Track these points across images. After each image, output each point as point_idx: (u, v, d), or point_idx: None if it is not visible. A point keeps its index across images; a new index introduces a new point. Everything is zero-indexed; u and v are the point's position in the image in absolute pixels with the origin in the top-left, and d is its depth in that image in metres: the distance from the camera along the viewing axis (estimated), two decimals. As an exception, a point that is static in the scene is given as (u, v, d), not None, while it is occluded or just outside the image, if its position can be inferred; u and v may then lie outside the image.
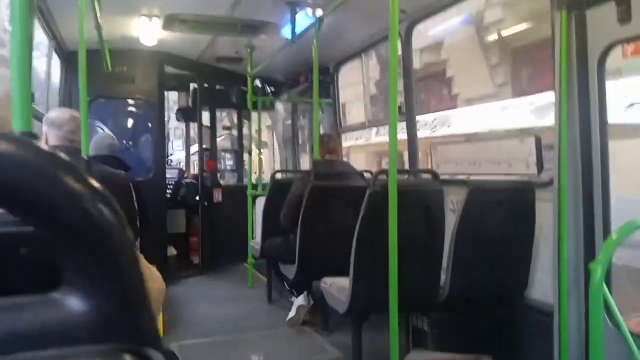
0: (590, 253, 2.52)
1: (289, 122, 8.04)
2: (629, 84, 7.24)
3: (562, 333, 2.55)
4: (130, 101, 6.39)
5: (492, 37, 13.39)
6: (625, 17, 2.33)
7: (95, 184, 0.38)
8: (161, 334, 3.95)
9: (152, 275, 1.36)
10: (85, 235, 0.37)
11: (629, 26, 2.33)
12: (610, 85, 2.57)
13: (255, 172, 6.40)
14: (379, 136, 13.87)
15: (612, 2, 2.40)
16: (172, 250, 6.18)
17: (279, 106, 7.51)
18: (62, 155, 0.39)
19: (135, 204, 3.58)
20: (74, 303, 0.38)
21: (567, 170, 2.56)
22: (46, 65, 4.77)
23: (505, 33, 12.92)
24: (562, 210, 2.54)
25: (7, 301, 0.39)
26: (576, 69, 2.56)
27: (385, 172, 2.64)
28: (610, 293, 2.35)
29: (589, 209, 2.57)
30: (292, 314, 4.20)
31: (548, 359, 2.62)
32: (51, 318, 0.38)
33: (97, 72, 4.78)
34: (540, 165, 2.97)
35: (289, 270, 4.07)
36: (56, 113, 2.91)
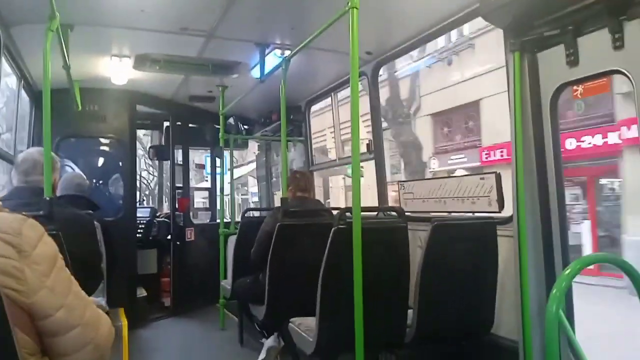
0: (551, 287, 2.55)
1: (263, 159, 8.08)
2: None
3: (527, 368, 2.56)
4: (102, 140, 6.34)
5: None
6: (573, 60, 2.45)
7: None
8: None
9: (99, 320, 1.35)
10: None
11: (577, 69, 2.44)
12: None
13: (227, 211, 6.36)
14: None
15: (561, 45, 2.52)
16: (142, 292, 6.03)
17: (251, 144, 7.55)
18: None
19: (102, 245, 3.52)
20: None
21: (526, 207, 2.62)
22: (15, 104, 4.74)
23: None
24: (523, 247, 2.59)
25: None
26: (530, 109, 2.66)
27: (350, 209, 2.66)
28: (572, 326, 2.39)
29: (548, 245, 2.63)
30: (262, 356, 4.12)
31: (516, 396, 2.62)
32: None
33: (67, 111, 4.78)
34: (501, 202, 3.04)
35: (259, 311, 4.01)
36: (21, 154, 2.90)
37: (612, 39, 2.24)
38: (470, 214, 3.30)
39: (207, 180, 9.17)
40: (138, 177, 16.91)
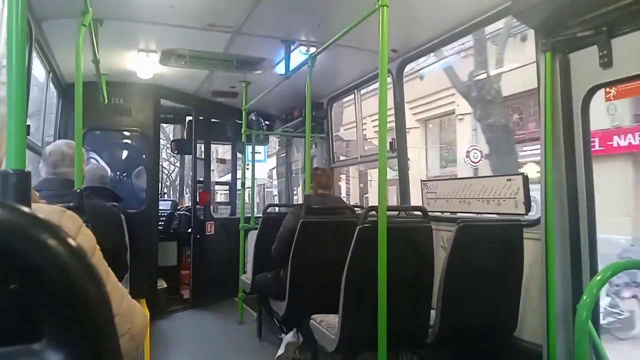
0: (578, 293, 2.52)
1: (283, 155, 8.11)
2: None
3: (551, 374, 2.53)
4: (126, 133, 6.43)
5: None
6: (607, 62, 2.40)
7: (70, 240, 0.41)
8: (147, 371, 3.88)
9: (135, 311, 1.36)
10: (62, 293, 0.40)
11: (611, 71, 2.40)
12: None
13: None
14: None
15: (594, 46, 2.48)
16: (162, 283, 6.11)
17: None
18: (42, 215, 0.41)
19: (126, 237, 3.57)
20: (52, 355, 0.40)
21: (554, 210, 2.59)
22: (44, 97, 4.83)
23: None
24: (550, 250, 2.56)
25: None
26: (561, 111, 2.62)
27: (375, 208, 2.65)
28: (598, 333, 2.36)
29: (576, 249, 2.59)
30: (281, 351, 4.14)
31: (538, 400, 2.60)
32: None
33: (93, 104, 4.84)
34: (528, 205, 3.00)
35: (279, 306, 4.03)
36: (48, 147, 2.95)
37: None
38: (496, 216, 3.27)
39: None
40: (161, 167, 17.16)
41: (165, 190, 18.55)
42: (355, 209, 4.30)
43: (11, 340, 0.42)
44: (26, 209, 0.41)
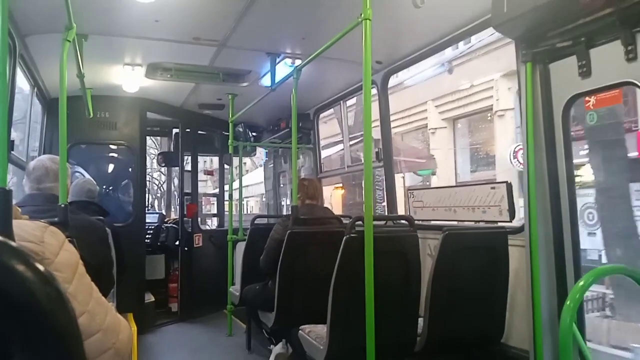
0: (563, 298, 2.55)
1: (271, 166, 8.12)
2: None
3: (538, 379, 2.55)
4: (112, 146, 6.40)
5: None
6: (586, 71, 2.46)
7: (39, 266, 0.42)
8: (135, 386, 3.84)
9: (119, 326, 1.36)
10: (31, 318, 0.40)
11: (590, 80, 2.45)
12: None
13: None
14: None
15: (573, 57, 2.53)
16: (150, 297, 6.06)
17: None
18: (21, 234, 0.43)
19: (113, 251, 3.54)
20: None
21: (538, 217, 2.63)
22: (28, 112, 4.80)
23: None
24: (534, 257, 2.60)
25: None
26: (542, 119, 2.67)
27: (362, 218, 2.67)
28: (584, 337, 2.39)
29: (560, 255, 2.63)
30: (270, 362, 4.13)
31: (526, 406, 2.61)
32: None
33: (79, 118, 4.83)
34: (512, 212, 3.04)
35: (268, 318, 4.02)
36: (32, 162, 2.93)
37: (625, 51, 2.25)
38: (481, 223, 3.30)
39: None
40: (149, 179, 16.98)
41: (157, 202, 18.36)
42: (343, 218, 4.32)
43: None
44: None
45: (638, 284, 2.01)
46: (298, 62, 4.22)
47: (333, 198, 17.73)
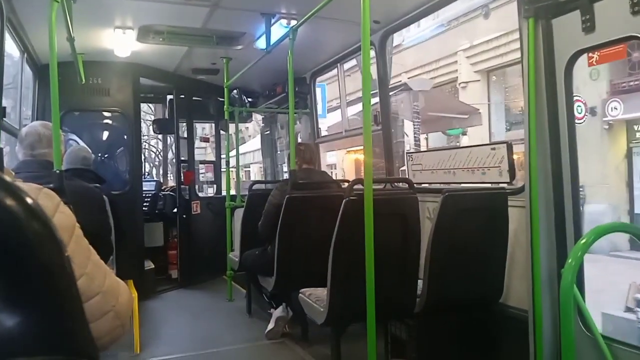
0: (562, 258, 2.55)
1: (268, 132, 8.04)
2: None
3: (537, 337, 2.57)
4: (105, 113, 6.31)
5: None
6: (589, 26, 2.39)
7: (30, 201, 0.38)
8: (138, 350, 3.89)
9: (119, 289, 1.35)
10: (15, 250, 0.37)
11: (593, 35, 2.39)
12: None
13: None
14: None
15: (577, 12, 2.46)
16: (149, 264, 6.09)
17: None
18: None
19: (111, 218, 3.53)
20: (6, 317, 0.38)
21: (538, 177, 2.60)
22: (19, 78, 4.70)
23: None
24: (535, 217, 2.58)
25: None
26: (544, 77, 2.62)
27: (361, 181, 2.64)
28: (583, 296, 2.40)
29: (560, 215, 2.61)
30: (271, 325, 4.17)
31: (525, 364, 2.64)
32: None
33: (71, 85, 4.74)
34: (512, 173, 3.01)
35: (268, 282, 4.05)
36: (24, 128, 2.88)
37: (631, 4, 2.18)
38: (480, 185, 3.28)
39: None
40: (146, 146, 16.87)
41: (155, 170, 18.27)
42: (341, 182, 4.30)
43: None
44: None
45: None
46: (294, 22, 4.11)
47: (345, 163, 17.04)
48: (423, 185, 3.84)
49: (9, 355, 0.37)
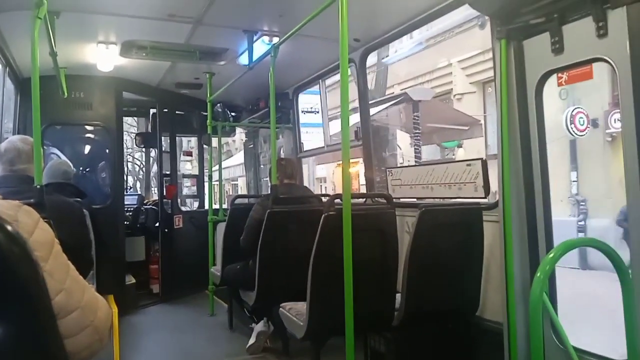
0: (535, 271, 2.62)
1: (251, 146, 8.08)
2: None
3: (511, 349, 2.63)
4: (88, 127, 6.29)
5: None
6: (558, 48, 2.49)
7: (7, 225, 0.42)
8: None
9: (97, 304, 1.37)
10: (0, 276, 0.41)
11: (562, 56, 2.49)
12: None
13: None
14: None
15: (547, 34, 2.56)
16: (130, 279, 6.04)
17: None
18: None
19: (91, 233, 3.52)
20: None
21: (511, 193, 2.68)
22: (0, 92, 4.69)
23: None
24: (507, 231, 2.66)
25: None
26: (516, 96, 2.71)
27: (340, 196, 2.70)
28: (555, 309, 2.47)
29: (532, 230, 2.69)
30: (252, 340, 4.17)
31: (501, 376, 2.70)
32: None
33: (53, 98, 4.74)
34: (487, 188, 3.10)
35: (249, 297, 4.06)
36: (3, 144, 2.88)
37: (596, 27, 2.29)
38: (457, 200, 3.36)
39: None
40: (130, 160, 16.73)
41: (139, 184, 18.11)
42: (322, 197, 4.35)
43: None
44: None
45: (607, 256, 2.07)
46: (276, 39, 4.18)
47: (335, 176, 16.66)
48: (402, 200, 3.90)
49: None
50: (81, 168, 6.24)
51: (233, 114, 7.19)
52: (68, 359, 0.41)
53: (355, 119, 4.51)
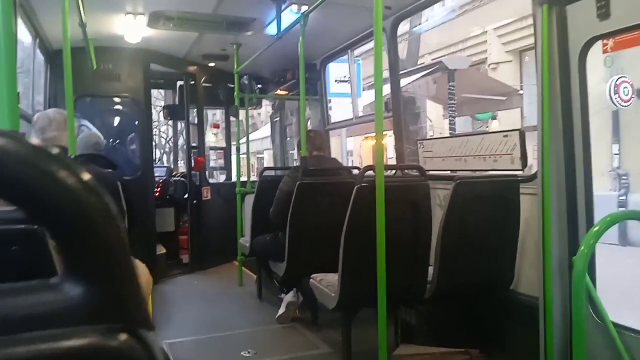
0: (574, 246, 2.55)
1: (277, 118, 8.05)
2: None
3: (547, 324, 2.59)
4: (116, 99, 6.33)
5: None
6: (604, 13, 2.37)
7: (86, 176, 0.41)
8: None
9: (138, 269, 1.38)
10: (78, 226, 0.40)
11: (608, 22, 2.36)
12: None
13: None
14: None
15: (592, -2, 2.43)
16: (161, 249, 6.15)
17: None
18: (52, 149, 0.41)
19: (124, 203, 3.56)
20: (71, 287, 0.41)
21: (551, 165, 2.60)
22: (30, 64, 4.72)
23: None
24: (546, 204, 2.58)
25: (8, 286, 0.42)
26: (558, 64, 2.60)
27: (372, 167, 2.66)
28: (594, 284, 2.40)
29: (572, 203, 2.61)
30: (281, 310, 4.21)
31: (534, 351, 2.66)
32: (50, 301, 0.41)
33: (82, 71, 4.75)
34: (524, 160, 3.01)
35: (279, 268, 4.08)
36: (37, 114, 2.92)
37: None
38: (492, 172, 3.28)
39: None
40: (157, 132, 16.92)
41: (165, 157, 18.31)
42: (352, 169, 4.31)
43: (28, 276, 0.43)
44: (32, 141, 0.41)
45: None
46: (304, 8, 4.09)
47: (362, 150, 16.52)
48: (433, 172, 3.84)
49: (74, 323, 0.40)
50: (111, 140, 6.30)
51: (259, 85, 7.15)
52: (151, 321, 0.41)
53: (386, 89, 4.41)
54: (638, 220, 2.08)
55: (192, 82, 6.55)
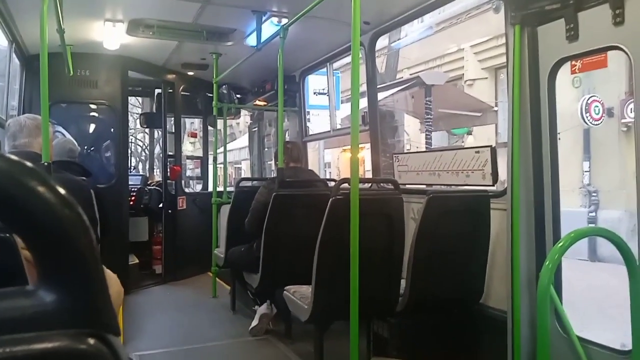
0: (541, 261, 2.61)
1: (255, 129, 8.06)
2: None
3: (515, 338, 2.64)
4: (93, 106, 6.26)
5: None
6: (573, 35, 2.46)
7: (60, 189, 0.43)
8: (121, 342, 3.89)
9: (110, 279, 1.37)
10: (52, 236, 0.42)
11: (577, 44, 2.45)
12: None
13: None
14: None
15: (561, 20, 2.52)
16: (133, 259, 6.07)
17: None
18: (27, 163, 0.43)
19: (97, 212, 3.52)
20: (45, 294, 0.43)
21: (520, 181, 2.66)
22: (6, 69, 4.65)
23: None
24: (515, 220, 2.64)
25: None
26: (529, 83, 2.68)
27: (347, 180, 2.68)
28: (560, 298, 2.46)
29: (540, 219, 2.68)
30: (255, 322, 4.19)
31: (503, 364, 2.71)
32: (25, 306, 0.43)
33: (59, 76, 4.70)
34: (495, 176, 3.08)
35: (253, 279, 4.07)
36: (10, 120, 2.89)
37: (613, 15, 2.25)
38: (464, 187, 3.34)
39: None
40: (133, 140, 16.72)
41: (141, 165, 18.08)
42: (329, 181, 4.34)
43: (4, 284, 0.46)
44: (13, 157, 0.43)
45: (616, 246, 2.06)
46: (284, 21, 4.13)
47: (340, 162, 16.57)
48: (408, 186, 3.89)
49: (47, 327, 0.42)
50: (86, 147, 6.22)
51: (238, 95, 7.14)
52: (118, 327, 0.43)
53: (363, 103, 4.46)
54: (601, 236, 2.15)
55: (171, 91, 6.52)
